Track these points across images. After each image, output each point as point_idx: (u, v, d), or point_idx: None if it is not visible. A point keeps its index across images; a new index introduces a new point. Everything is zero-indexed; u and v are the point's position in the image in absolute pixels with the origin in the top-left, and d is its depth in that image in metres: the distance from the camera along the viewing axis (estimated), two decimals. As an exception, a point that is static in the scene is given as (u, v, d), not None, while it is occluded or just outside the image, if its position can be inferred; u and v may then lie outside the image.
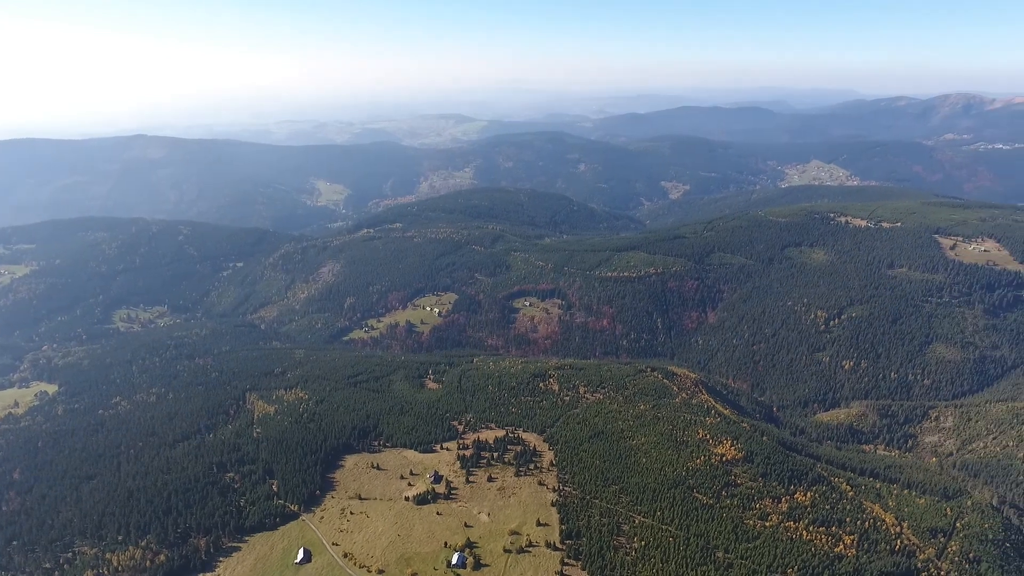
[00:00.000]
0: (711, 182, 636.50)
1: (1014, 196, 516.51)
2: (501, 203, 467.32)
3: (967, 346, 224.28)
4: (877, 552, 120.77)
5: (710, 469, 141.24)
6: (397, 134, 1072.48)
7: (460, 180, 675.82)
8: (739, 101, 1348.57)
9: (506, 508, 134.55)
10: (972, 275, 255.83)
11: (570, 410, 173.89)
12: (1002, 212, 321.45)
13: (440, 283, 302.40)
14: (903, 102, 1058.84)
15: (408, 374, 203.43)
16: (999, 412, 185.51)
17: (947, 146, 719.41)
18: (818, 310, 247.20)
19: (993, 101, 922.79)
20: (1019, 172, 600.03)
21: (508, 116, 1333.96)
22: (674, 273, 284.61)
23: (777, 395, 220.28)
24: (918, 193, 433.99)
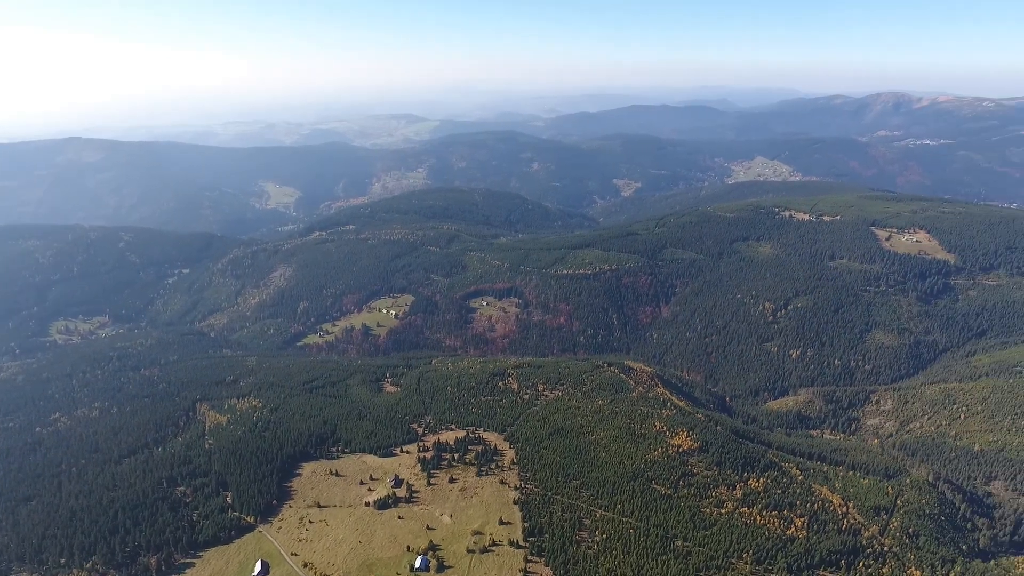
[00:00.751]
0: (661, 179, 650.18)
1: (941, 189, 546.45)
2: (456, 203, 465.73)
3: (903, 332, 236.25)
4: (826, 532, 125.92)
5: (667, 460, 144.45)
6: (348, 135, 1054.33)
7: (413, 180, 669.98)
8: (687, 100, 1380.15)
9: (468, 508, 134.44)
10: (906, 264, 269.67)
11: (530, 408, 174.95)
12: (931, 204, 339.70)
13: (396, 285, 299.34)
14: (839, 100, 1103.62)
15: (365, 378, 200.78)
16: (933, 394, 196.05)
17: (880, 142, 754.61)
18: (766, 302, 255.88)
19: (920, 99, 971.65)
20: (945, 166, 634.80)
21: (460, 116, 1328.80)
22: (628, 269, 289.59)
23: (729, 385, 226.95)
24: (855, 187, 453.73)
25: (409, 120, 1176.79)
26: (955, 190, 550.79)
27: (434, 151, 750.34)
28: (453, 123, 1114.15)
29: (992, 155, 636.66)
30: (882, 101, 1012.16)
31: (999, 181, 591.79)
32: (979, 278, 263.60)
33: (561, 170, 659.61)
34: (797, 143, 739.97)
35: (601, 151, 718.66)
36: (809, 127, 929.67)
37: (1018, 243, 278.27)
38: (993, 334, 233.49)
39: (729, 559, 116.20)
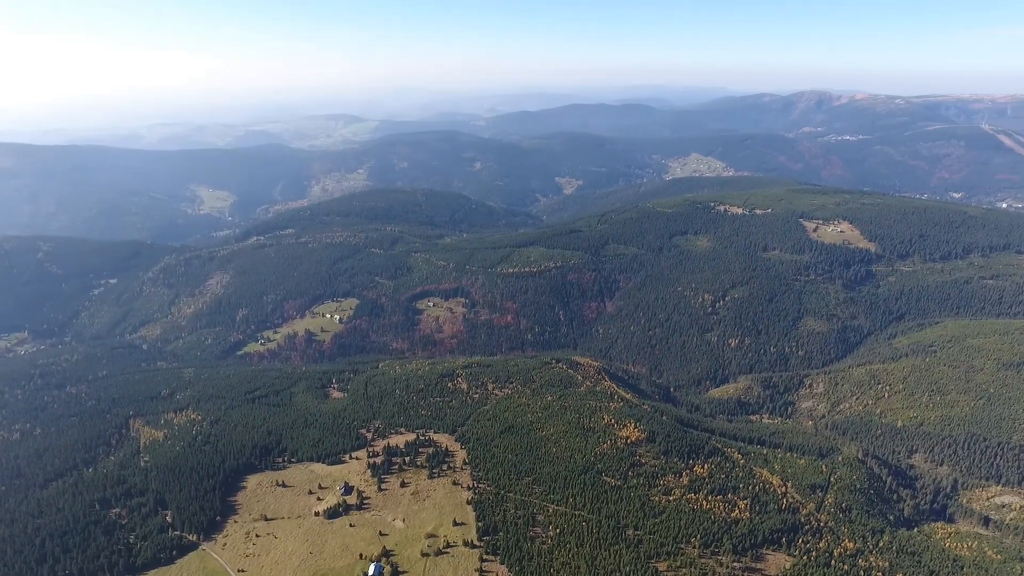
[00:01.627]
0: (602, 176, 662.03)
1: (861, 182, 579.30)
2: (398, 204, 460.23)
3: (831, 318, 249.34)
4: (767, 512, 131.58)
5: (616, 452, 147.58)
6: (284, 136, 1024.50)
7: (354, 182, 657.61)
8: (623, 98, 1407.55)
9: (421, 512, 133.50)
10: (832, 254, 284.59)
11: (480, 407, 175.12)
12: (853, 196, 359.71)
13: (339, 289, 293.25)
14: (767, 98, 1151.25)
15: (310, 385, 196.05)
16: (859, 375, 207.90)
17: (805, 138, 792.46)
18: (705, 293, 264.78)
19: (840, 97, 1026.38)
20: (864, 160, 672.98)
21: (399, 116, 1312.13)
22: (572, 266, 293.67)
23: (673, 376, 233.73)
24: (784, 181, 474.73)
25: (347, 121, 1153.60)
26: (873, 182, 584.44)
27: (374, 152, 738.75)
28: (393, 123, 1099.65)
29: (904, 149, 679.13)
30: (806, 99, 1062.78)
31: (911, 173, 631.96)
32: (897, 265, 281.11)
33: (504, 169, 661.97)
34: (729, 139, 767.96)
35: (542, 149, 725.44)
36: (740, 124, 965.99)
37: (929, 231, 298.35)
38: (911, 317, 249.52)
39: (678, 544, 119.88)
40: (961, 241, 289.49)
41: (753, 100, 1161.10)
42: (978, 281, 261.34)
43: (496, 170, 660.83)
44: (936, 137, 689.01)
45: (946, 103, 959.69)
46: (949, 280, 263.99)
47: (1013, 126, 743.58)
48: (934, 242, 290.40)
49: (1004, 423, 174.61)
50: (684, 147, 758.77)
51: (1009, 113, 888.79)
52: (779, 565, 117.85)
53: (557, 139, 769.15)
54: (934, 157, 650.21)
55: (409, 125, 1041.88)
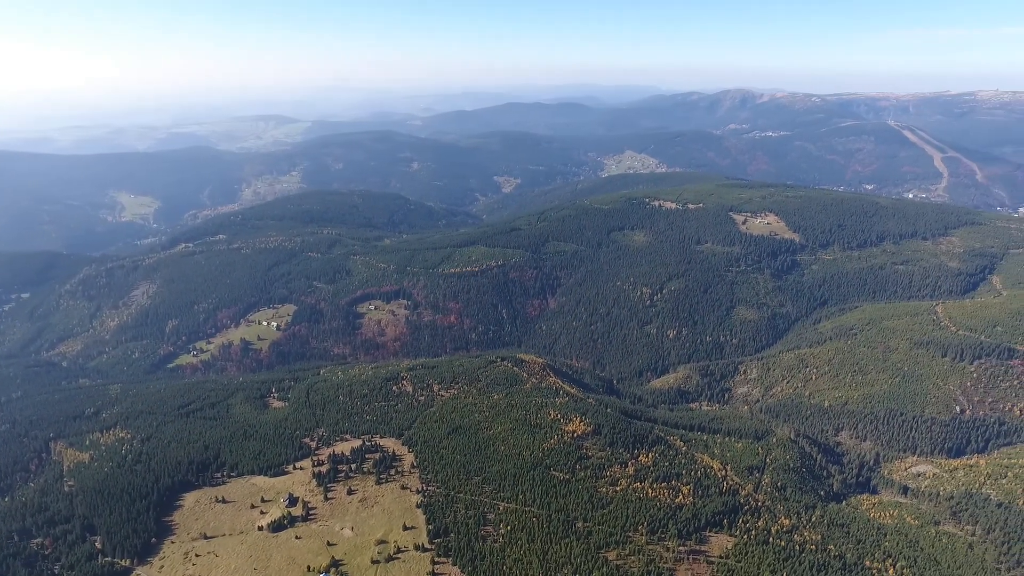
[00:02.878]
0: (540, 175, 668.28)
1: (784, 176, 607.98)
2: (335, 206, 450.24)
3: (762, 307, 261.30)
4: (709, 496, 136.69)
5: (563, 446, 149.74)
6: (211, 138, 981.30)
7: (287, 185, 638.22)
8: (558, 97, 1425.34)
9: (370, 519, 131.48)
10: (760, 245, 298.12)
11: (426, 409, 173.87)
12: (777, 190, 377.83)
13: (276, 295, 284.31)
14: (695, 97, 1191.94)
15: (249, 395, 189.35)
16: (789, 360, 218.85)
17: (732, 135, 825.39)
18: (643, 287, 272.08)
19: (762, 96, 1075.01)
20: (786, 155, 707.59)
21: (333, 116, 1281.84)
22: (514, 264, 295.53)
23: (616, 368, 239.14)
24: (714, 176, 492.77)
25: (278, 122, 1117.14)
26: (795, 176, 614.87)
27: (308, 153, 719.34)
28: (326, 124, 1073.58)
29: (821, 145, 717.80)
30: (731, 97, 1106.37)
31: (828, 167, 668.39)
32: (819, 254, 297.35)
33: (442, 169, 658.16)
34: (661, 137, 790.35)
35: (480, 149, 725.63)
36: (670, 121, 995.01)
37: (847, 221, 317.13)
38: (833, 302, 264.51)
39: (626, 533, 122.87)
40: (875, 230, 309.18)
41: (682, 98, 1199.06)
42: (891, 267, 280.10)
43: (434, 170, 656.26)
44: (849, 133, 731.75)
45: (857, 101, 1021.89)
46: (865, 267, 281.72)
47: (915, 122, 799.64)
48: (851, 231, 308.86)
49: (917, 398, 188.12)
50: (619, 145, 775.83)
51: (911, 110, 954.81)
52: (722, 546, 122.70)
53: (495, 138, 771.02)
54: (848, 152, 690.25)
55: (343, 125, 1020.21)
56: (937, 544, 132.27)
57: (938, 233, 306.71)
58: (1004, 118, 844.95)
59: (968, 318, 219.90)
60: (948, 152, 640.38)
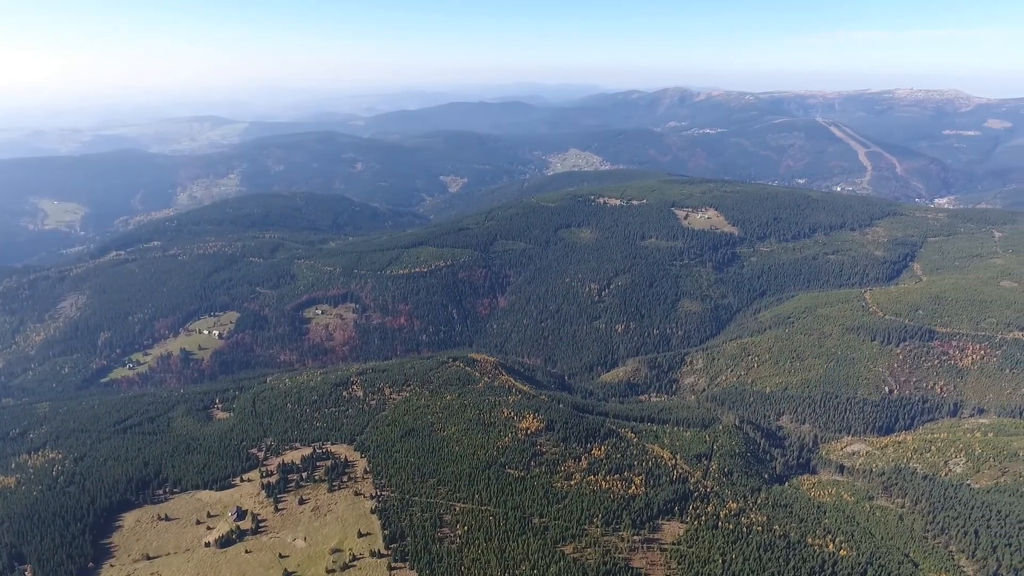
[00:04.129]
0: (486, 174, 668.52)
1: (722, 171, 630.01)
2: (277, 209, 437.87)
3: (705, 298, 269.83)
4: (660, 485, 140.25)
5: (518, 444, 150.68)
6: (141, 141, 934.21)
7: (226, 188, 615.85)
8: (502, 96, 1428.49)
9: (323, 528, 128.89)
10: (701, 239, 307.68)
11: (378, 413, 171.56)
12: (716, 185, 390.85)
13: (217, 302, 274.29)
14: (635, 95, 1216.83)
15: (191, 407, 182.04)
16: (732, 349, 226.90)
17: (672, 132, 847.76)
18: (591, 283, 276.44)
19: (699, 94, 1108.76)
20: (724, 152, 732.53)
21: (271, 117, 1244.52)
22: (463, 264, 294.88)
23: (567, 364, 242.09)
24: (656, 173, 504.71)
25: (214, 123, 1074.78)
26: (732, 171, 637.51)
27: (246, 155, 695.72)
28: (264, 125, 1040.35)
29: (756, 141, 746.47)
30: (670, 95, 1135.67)
31: (763, 162, 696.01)
32: (757, 246, 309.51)
33: (387, 169, 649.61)
34: (604, 135, 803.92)
35: (425, 148, 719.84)
36: (612, 119, 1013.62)
37: (782, 214, 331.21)
38: (771, 292, 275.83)
39: (582, 526, 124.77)
40: (807, 222, 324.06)
41: (623, 97, 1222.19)
42: (823, 257, 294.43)
43: (379, 170, 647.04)
44: (781, 129, 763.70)
45: (787, 99, 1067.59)
46: (800, 257, 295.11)
47: (840, 119, 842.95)
48: (786, 224, 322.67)
49: (850, 380, 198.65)
50: (563, 143, 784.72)
51: (837, 108, 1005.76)
52: (674, 533, 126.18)
53: (439, 138, 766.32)
54: (780, 147, 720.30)
55: (283, 126, 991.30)
56: (871, 518, 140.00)
57: (864, 224, 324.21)
58: (919, 115, 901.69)
59: (893, 303, 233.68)
60: (871, 147, 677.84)
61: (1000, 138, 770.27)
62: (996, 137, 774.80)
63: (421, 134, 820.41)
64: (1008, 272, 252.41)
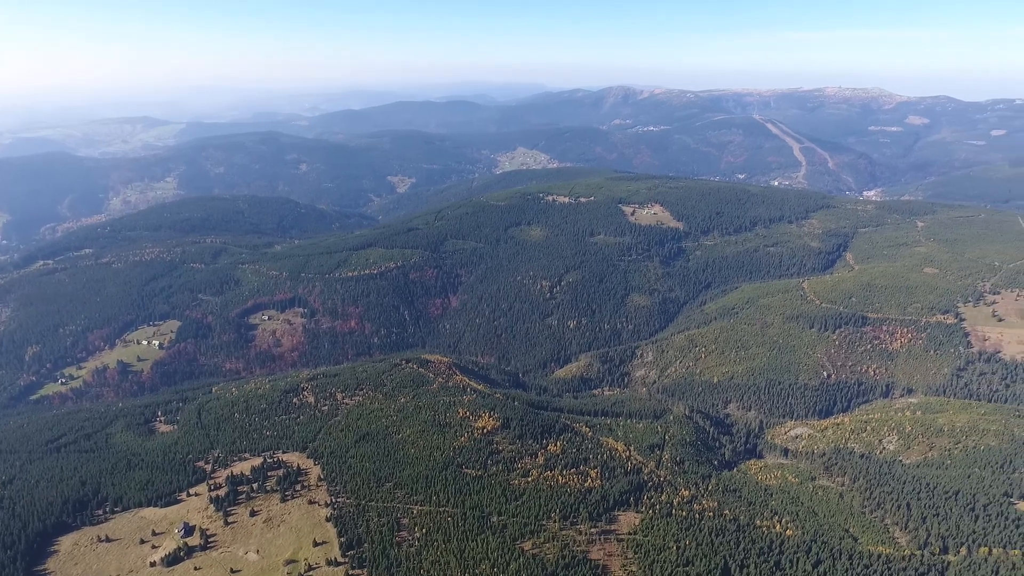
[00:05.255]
0: (434, 173, 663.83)
1: (666, 168, 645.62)
2: (218, 213, 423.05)
3: (653, 292, 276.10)
4: (615, 477, 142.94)
5: (474, 443, 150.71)
6: (68, 143, 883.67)
7: (162, 192, 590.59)
8: (447, 95, 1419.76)
9: (276, 539, 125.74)
10: (648, 234, 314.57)
11: (330, 419, 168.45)
12: (661, 181, 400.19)
13: (156, 311, 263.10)
14: (580, 94, 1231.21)
15: (131, 422, 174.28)
16: (680, 341, 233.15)
17: (617, 130, 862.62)
18: (542, 280, 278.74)
19: (642, 92, 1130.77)
20: (667, 148, 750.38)
21: (209, 117, 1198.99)
22: (413, 264, 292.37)
23: (520, 362, 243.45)
24: (602, 171, 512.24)
25: (147, 124, 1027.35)
26: (676, 168, 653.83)
27: (184, 157, 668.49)
28: (202, 125, 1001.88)
29: (698, 138, 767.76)
30: (614, 94, 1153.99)
31: (704, 159, 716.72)
32: (701, 240, 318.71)
33: (332, 170, 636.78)
34: (550, 133, 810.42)
35: (371, 148, 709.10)
36: (558, 118, 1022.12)
37: (724, 209, 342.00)
38: (716, 285, 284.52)
39: (540, 522, 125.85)
40: (748, 216, 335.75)
41: (568, 95, 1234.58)
42: (763, 249, 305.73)
43: (324, 171, 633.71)
44: (720, 126, 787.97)
45: (725, 96, 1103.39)
46: (742, 250, 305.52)
47: (775, 116, 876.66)
48: (728, 218, 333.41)
49: (792, 367, 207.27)
50: (510, 141, 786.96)
51: (772, 105, 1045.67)
52: (630, 523, 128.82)
53: (386, 137, 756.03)
54: (721, 144, 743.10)
55: (222, 127, 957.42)
56: (814, 497, 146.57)
57: (800, 217, 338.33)
58: (847, 111, 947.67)
59: (829, 292, 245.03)
60: (804, 143, 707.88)
61: (920, 133, 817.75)
62: (916, 133, 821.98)
63: (367, 134, 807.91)
64: (930, 259, 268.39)
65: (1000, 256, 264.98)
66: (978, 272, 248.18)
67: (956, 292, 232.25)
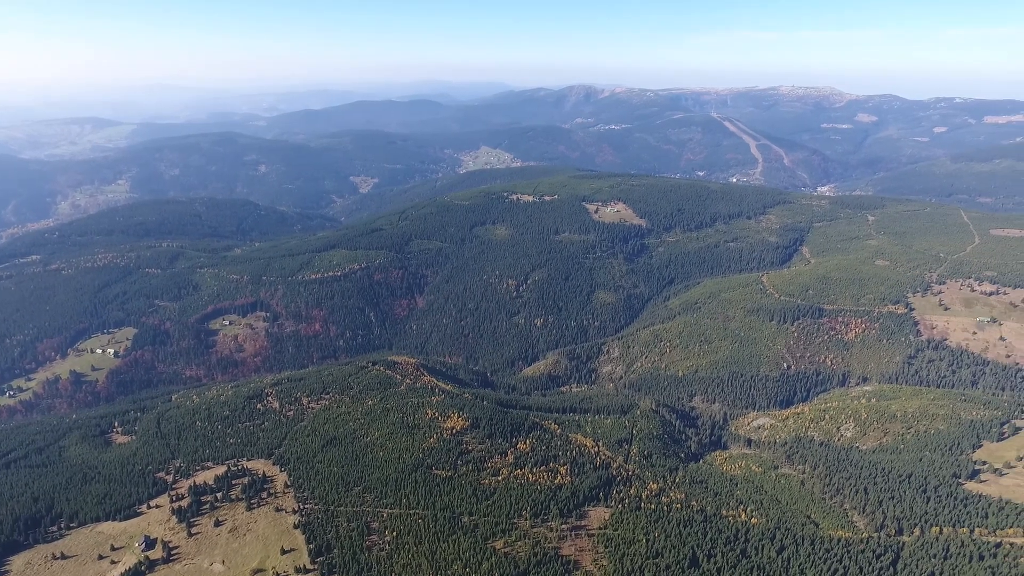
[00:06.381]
0: (398, 173, 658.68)
1: (628, 166, 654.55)
2: (174, 216, 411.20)
3: (618, 289, 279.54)
4: (585, 473, 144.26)
5: (443, 444, 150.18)
6: (11, 145, 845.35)
7: (115, 195, 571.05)
8: (409, 95, 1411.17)
9: (243, 548, 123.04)
10: (612, 232, 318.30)
11: (296, 424, 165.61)
12: (624, 179, 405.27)
13: (111, 318, 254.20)
14: (542, 93, 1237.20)
15: (86, 434, 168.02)
16: (646, 337, 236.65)
17: (579, 128, 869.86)
18: (508, 279, 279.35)
19: (603, 91, 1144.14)
20: (629, 147, 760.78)
21: (163, 118, 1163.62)
22: (378, 265, 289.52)
23: (488, 361, 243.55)
24: (565, 169, 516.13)
25: (96, 125, 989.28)
26: (637, 166, 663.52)
27: (137, 159, 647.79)
28: (156, 126, 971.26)
29: (658, 135, 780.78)
30: (575, 93, 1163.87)
31: (665, 156, 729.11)
32: (664, 237, 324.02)
33: (293, 171, 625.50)
34: (514, 132, 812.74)
35: (332, 149, 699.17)
36: (521, 116, 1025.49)
37: (685, 206, 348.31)
38: (679, 280, 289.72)
39: (511, 520, 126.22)
40: (708, 212, 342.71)
41: (530, 94, 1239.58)
42: (724, 244, 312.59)
43: (284, 172, 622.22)
44: (680, 124, 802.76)
45: (684, 95, 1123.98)
46: (703, 246, 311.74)
47: (733, 114, 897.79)
48: (689, 215, 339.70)
49: (753, 359, 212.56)
50: (474, 140, 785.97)
51: (729, 103, 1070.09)
52: (600, 518, 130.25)
53: (347, 137, 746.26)
54: (681, 142, 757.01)
55: (176, 128, 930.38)
56: (777, 485, 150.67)
57: (758, 212, 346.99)
58: (800, 109, 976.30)
59: (787, 285, 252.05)
60: (761, 140, 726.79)
61: (869, 131, 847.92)
62: (866, 130, 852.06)
63: (328, 134, 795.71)
64: (881, 252, 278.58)
65: (945, 248, 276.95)
66: (925, 263, 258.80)
67: (906, 283, 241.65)
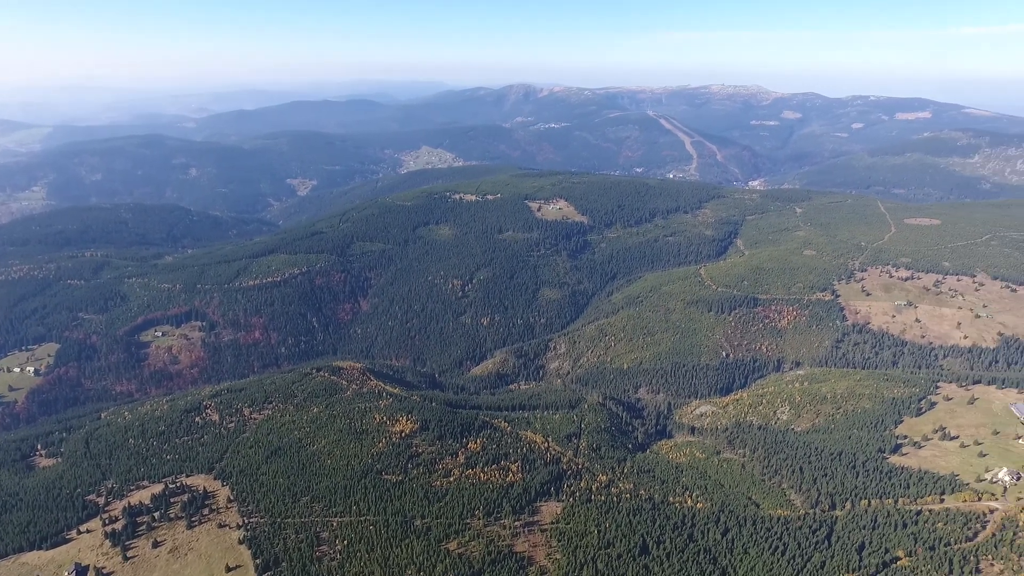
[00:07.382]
0: (337, 175, 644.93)
1: (568, 164, 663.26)
2: (97, 223, 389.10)
3: (563, 285, 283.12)
4: (536, 469, 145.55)
5: (393, 448, 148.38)
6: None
7: (29, 202, 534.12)
8: (347, 94, 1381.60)
9: (184, 569, 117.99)
10: (555, 229, 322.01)
11: (238, 436, 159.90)
12: (565, 177, 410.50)
13: (29, 334, 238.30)
14: (482, 92, 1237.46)
15: (5, 458, 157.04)
16: (591, 332, 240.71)
17: (519, 127, 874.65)
18: (454, 279, 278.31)
19: (542, 90, 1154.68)
20: (569, 145, 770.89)
21: (82, 120, 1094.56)
22: (319, 269, 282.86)
23: (436, 362, 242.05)
24: (507, 168, 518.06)
25: (6, 127, 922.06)
26: (577, 163, 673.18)
27: (53, 163, 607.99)
28: (73, 128, 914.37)
29: (597, 134, 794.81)
30: (515, 92, 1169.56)
31: (604, 154, 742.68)
32: (605, 233, 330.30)
33: (226, 174, 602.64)
34: (454, 131, 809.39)
35: (268, 150, 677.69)
36: (461, 116, 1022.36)
37: (625, 202, 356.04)
38: (621, 275, 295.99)
39: (464, 521, 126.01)
40: (647, 208, 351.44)
41: (470, 94, 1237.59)
42: (663, 239, 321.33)
43: (216, 176, 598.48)
44: (618, 123, 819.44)
45: (621, 94, 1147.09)
46: (643, 241, 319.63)
47: (668, 112, 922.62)
48: (629, 211, 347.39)
49: (694, 349, 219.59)
50: (414, 140, 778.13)
51: (664, 101, 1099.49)
52: (552, 512, 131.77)
53: (283, 138, 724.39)
54: (619, 139, 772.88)
55: (97, 130, 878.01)
56: (720, 470, 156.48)
57: (695, 207, 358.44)
58: (731, 107, 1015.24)
59: (723, 276, 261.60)
60: (695, 137, 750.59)
61: (794, 127, 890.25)
62: (791, 126, 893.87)
63: (262, 135, 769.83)
64: (809, 242, 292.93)
65: (865, 237, 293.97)
66: (848, 252, 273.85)
67: (831, 271, 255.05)
